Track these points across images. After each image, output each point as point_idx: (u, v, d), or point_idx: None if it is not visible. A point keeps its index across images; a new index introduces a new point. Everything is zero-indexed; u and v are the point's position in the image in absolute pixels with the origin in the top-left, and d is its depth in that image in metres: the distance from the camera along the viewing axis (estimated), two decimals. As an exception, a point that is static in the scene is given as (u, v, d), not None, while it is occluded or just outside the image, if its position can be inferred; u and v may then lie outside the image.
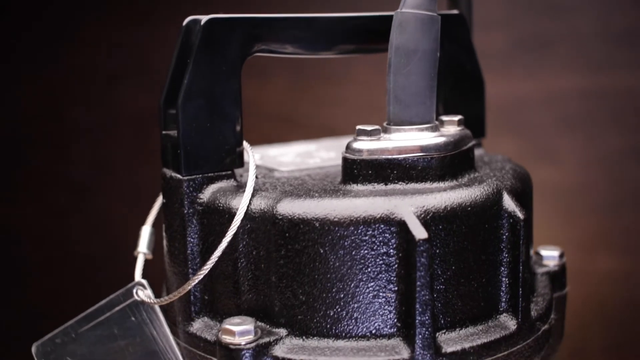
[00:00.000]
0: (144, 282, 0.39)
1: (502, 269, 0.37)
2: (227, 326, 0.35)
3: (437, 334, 0.35)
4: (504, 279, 0.37)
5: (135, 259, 0.41)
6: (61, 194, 0.87)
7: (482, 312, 0.37)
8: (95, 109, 0.86)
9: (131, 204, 0.83)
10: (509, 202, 0.37)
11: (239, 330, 0.34)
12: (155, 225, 0.42)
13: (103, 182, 0.86)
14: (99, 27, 0.84)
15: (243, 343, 0.34)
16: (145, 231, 0.41)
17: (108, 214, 0.86)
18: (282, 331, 0.36)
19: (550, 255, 0.43)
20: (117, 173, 0.86)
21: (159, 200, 0.41)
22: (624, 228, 0.74)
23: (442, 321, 0.35)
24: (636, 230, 0.73)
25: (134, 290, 0.39)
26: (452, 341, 0.35)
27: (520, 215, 0.36)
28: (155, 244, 0.41)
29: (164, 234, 0.39)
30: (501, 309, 0.37)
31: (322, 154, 0.44)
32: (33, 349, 0.42)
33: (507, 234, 0.37)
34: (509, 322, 0.37)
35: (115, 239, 0.86)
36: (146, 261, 0.41)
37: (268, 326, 0.36)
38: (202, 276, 0.36)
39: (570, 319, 0.44)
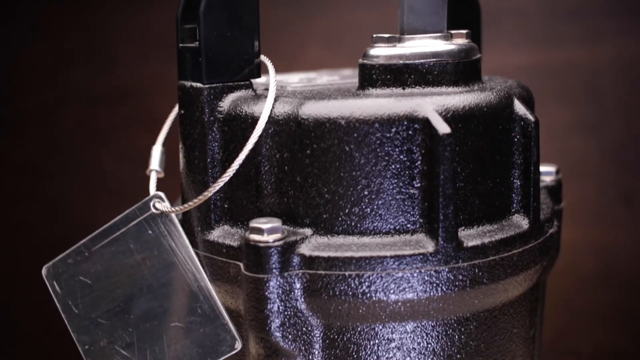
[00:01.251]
0: (161, 194, 0.39)
1: (515, 170, 0.38)
2: (255, 224, 0.35)
3: (458, 230, 0.36)
4: (516, 180, 0.38)
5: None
6: (9, 178, 0.85)
7: (497, 212, 0.38)
8: (47, 91, 0.84)
9: (84, 187, 0.82)
10: (519, 107, 0.38)
11: (268, 228, 0.35)
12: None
13: (54, 165, 0.85)
14: (51, 9, 0.83)
15: (271, 241, 0.35)
16: (157, 150, 0.41)
17: (61, 198, 0.85)
18: (308, 231, 0.36)
19: (547, 172, 0.45)
20: (68, 155, 0.85)
21: (170, 119, 0.42)
22: (570, 199, 0.77)
23: (461, 218, 0.37)
24: (581, 200, 0.75)
25: (151, 203, 0.39)
26: (471, 237, 0.36)
27: (531, 117, 0.38)
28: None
29: (181, 146, 0.39)
30: (513, 210, 0.39)
31: (325, 79, 0.45)
32: (43, 272, 0.42)
33: (518, 137, 0.38)
34: (522, 222, 0.38)
35: (69, 223, 0.85)
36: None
37: (292, 228, 0.36)
38: (225, 181, 0.36)
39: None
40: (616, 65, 0.73)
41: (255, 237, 0.35)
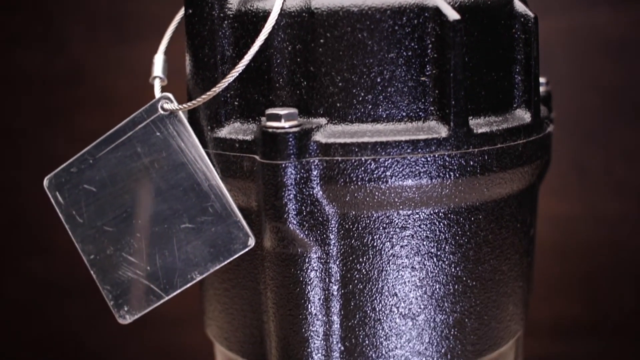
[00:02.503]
0: (169, 95, 0.39)
1: (516, 66, 0.39)
2: (272, 111, 0.36)
3: (468, 116, 0.37)
4: (517, 76, 0.40)
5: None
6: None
7: (501, 105, 0.39)
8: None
9: (36, 172, 0.81)
10: (519, 4, 0.39)
11: (285, 114, 0.35)
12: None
13: (4, 149, 0.83)
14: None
15: (288, 126, 0.35)
16: (159, 58, 0.41)
17: (11, 183, 0.83)
18: (322, 120, 0.37)
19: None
20: (19, 139, 0.83)
21: (172, 26, 0.42)
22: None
23: (470, 107, 0.38)
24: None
25: (159, 104, 0.39)
26: (480, 125, 0.37)
27: (531, 14, 0.39)
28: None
29: (188, 47, 0.39)
30: (515, 105, 0.40)
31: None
32: (45, 183, 0.41)
33: (519, 33, 0.39)
34: (524, 115, 0.39)
35: (19, 208, 0.84)
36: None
37: (306, 118, 0.37)
38: (236, 74, 0.37)
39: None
40: (568, 35, 0.75)
41: (272, 123, 0.35)
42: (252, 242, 0.38)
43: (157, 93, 0.40)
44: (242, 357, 0.41)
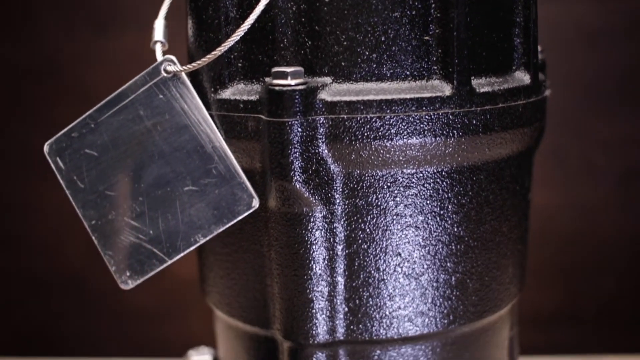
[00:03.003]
0: (172, 57, 0.39)
1: (516, 29, 0.40)
2: (278, 69, 0.36)
3: (470, 75, 0.37)
4: (517, 38, 0.40)
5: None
6: None
7: (501, 66, 0.40)
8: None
9: (11, 166, 0.80)
10: None
11: (291, 72, 0.35)
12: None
13: None
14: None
15: (294, 84, 0.35)
16: (159, 23, 0.41)
17: None
18: (327, 79, 0.37)
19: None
20: None
21: (172, -8, 0.42)
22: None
23: (472, 67, 0.38)
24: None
25: (162, 67, 0.39)
26: (481, 85, 0.38)
27: None
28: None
29: (190, 8, 0.39)
30: (515, 67, 0.40)
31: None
32: (45, 148, 0.41)
33: (518, -4, 0.40)
34: (524, 77, 0.40)
35: None
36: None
37: (311, 77, 0.37)
38: (241, 34, 0.37)
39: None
40: (546, 24, 0.76)
41: (278, 81, 0.35)
42: (256, 203, 0.38)
43: (159, 56, 0.40)
44: (245, 323, 0.41)
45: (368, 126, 0.36)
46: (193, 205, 0.39)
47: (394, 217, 0.38)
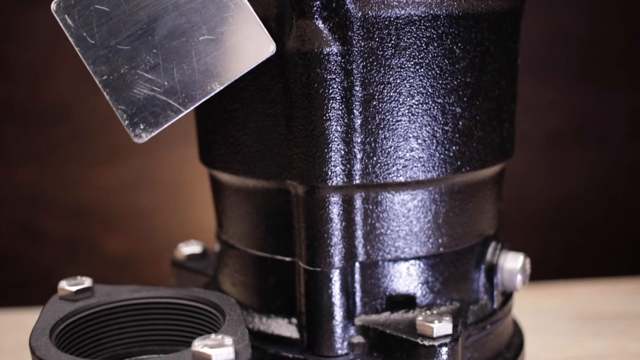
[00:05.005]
0: None
1: None
2: None
3: None
4: None
5: None
6: None
7: None
8: None
9: None
10: None
11: None
12: None
13: None
14: None
15: None
16: None
17: None
18: None
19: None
20: None
21: None
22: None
23: None
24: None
25: None
26: None
27: None
28: None
29: None
30: None
31: None
32: (53, 7, 0.40)
33: None
34: None
35: None
36: None
37: None
38: None
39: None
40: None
41: None
42: (273, 48, 0.39)
43: None
44: (257, 178, 0.42)
45: None
46: (209, 54, 0.39)
47: (407, 59, 0.39)
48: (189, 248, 0.51)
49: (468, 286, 0.44)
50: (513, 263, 0.45)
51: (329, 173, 0.39)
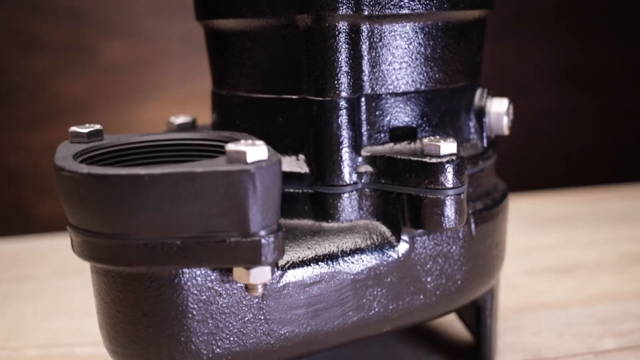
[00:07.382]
0: None
1: None
2: None
3: None
4: None
5: None
6: None
7: None
8: None
9: None
10: None
11: None
12: None
13: None
14: None
15: None
16: None
17: None
18: None
19: None
20: None
21: None
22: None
23: None
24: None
25: None
26: None
27: None
28: None
29: None
30: None
31: None
32: None
33: None
34: None
35: None
36: None
37: None
38: None
39: None
40: None
41: None
42: None
43: None
44: (264, 17, 0.43)
45: None
46: None
47: None
48: (180, 119, 0.52)
49: (461, 125, 0.47)
50: (499, 107, 0.48)
51: (339, 1, 0.41)
